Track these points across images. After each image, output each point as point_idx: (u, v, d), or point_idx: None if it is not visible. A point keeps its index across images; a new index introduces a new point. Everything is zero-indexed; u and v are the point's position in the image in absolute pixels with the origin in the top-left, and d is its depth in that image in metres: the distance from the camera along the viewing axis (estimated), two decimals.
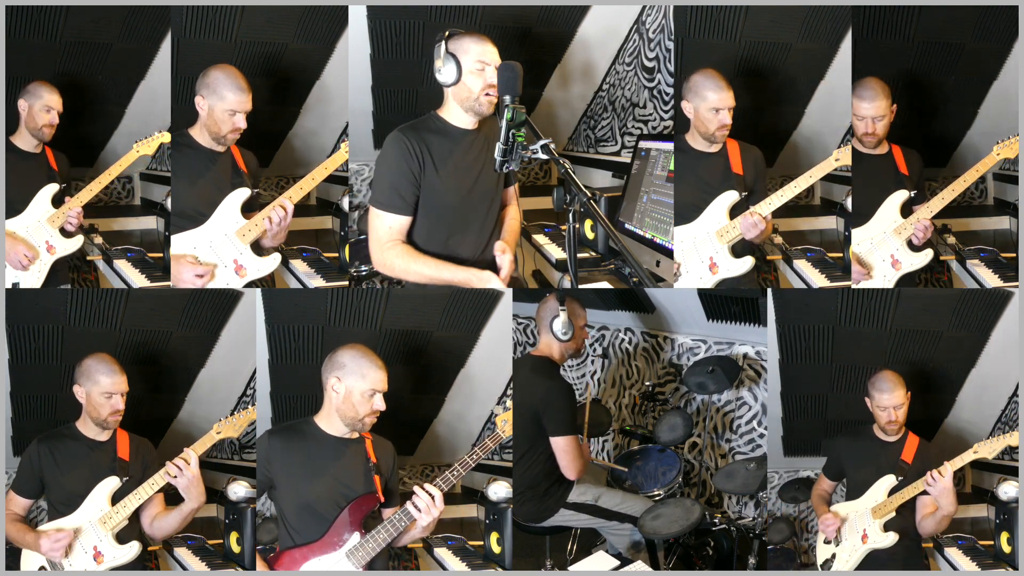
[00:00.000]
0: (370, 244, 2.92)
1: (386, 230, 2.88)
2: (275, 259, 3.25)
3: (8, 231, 3.30)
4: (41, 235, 3.33)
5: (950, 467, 3.01)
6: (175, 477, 2.98)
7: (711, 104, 3.18)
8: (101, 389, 3.05)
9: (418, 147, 2.84)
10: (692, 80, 3.22)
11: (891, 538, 3.13)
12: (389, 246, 2.87)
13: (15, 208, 3.35)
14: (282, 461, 2.90)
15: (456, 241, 2.93)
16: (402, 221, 2.88)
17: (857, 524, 3.20)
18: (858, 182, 3.32)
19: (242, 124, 3.16)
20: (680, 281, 3.24)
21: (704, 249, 3.22)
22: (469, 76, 2.81)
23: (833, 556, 3.23)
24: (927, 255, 3.26)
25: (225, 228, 3.20)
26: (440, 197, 2.88)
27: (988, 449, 2.99)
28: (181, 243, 3.17)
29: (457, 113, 2.90)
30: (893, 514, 3.15)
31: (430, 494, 2.86)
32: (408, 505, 2.88)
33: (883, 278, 3.27)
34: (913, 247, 3.27)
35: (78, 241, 3.38)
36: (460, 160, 2.90)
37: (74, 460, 3.07)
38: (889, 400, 3.21)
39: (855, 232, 3.31)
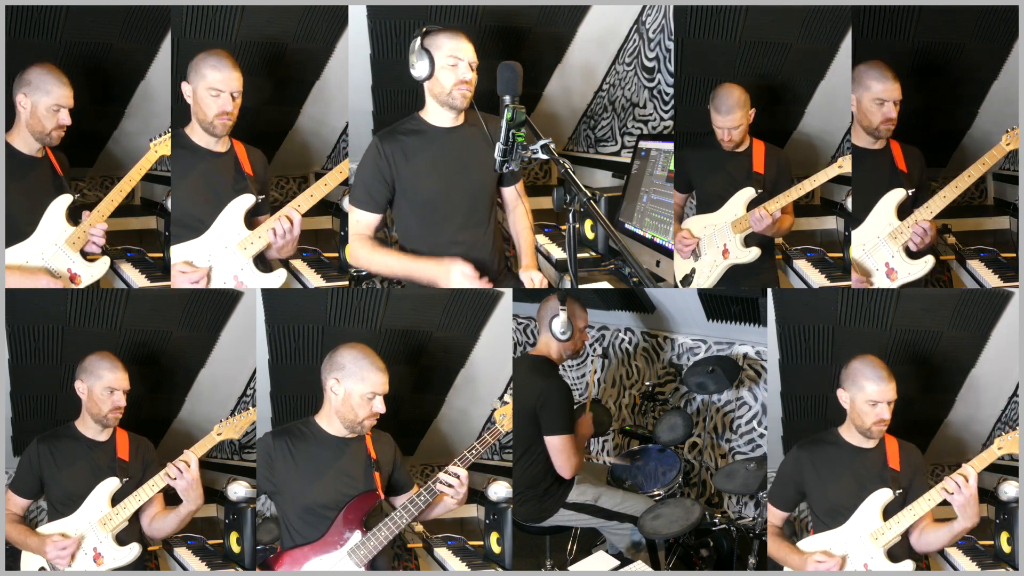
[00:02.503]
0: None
1: (354, 223, 3.02)
2: (280, 275, 3.03)
3: (22, 265, 2.94)
4: (61, 262, 2.95)
5: (973, 470, 2.61)
6: (175, 479, 2.97)
7: (716, 123, 3.37)
8: (104, 384, 3.04)
9: (389, 149, 2.96)
10: (712, 94, 3.39)
11: (906, 569, 2.74)
12: (355, 238, 3.02)
13: (21, 230, 2.94)
14: (286, 464, 2.89)
15: (438, 240, 2.98)
16: (369, 218, 3.02)
17: (853, 557, 2.79)
18: (853, 180, 3.22)
19: (228, 107, 2.92)
20: (695, 264, 3.42)
21: (720, 236, 3.37)
22: (441, 71, 2.87)
23: None
24: (926, 263, 3.01)
25: (225, 240, 2.97)
26: (415, 192, 2.98)
27: (1013, 445, 2.64)
28: (177, 255, 2.96)
29: (435, 111, 2.97)
30: (898, 538, 2.74)
31: (456, 475, 2.89)
32: (407, 498, 2.92)
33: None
34: (911, 254, 3.06)
35: (104, 264, 3.01)
36: (435, 157, 2.96)
37: (73, 460, 3.06)
38: (881, 392, 2.75)
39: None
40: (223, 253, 2.95)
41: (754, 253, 3.33)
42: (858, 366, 2.84)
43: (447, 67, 2.86)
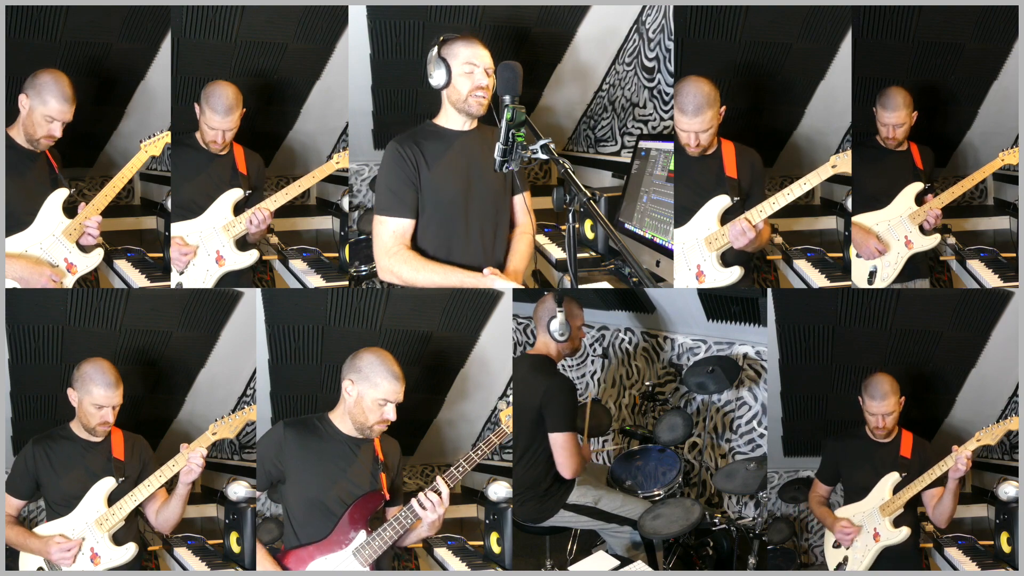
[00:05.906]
0: (375, 254, 2.96)
1: (390, 235, 2.92)
2: (252, 255, 3.41)
3: (22, 254, 3.06)
4: (59, 253, 3.12)
5: (967, 452, 3.06)
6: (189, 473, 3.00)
7: (680, 125, 3.10)
8: (92, 400, 3.02)
9: (411, 151, 2.91)
10: (677, 90, 3.13)
11: (903, 533, 3.18)
12: (395, 251, 2.91)
13: (20, 220, 3.10)
14: (296, 455, 2.89)
15: (458, 243, 2.96)
16: (405, 224, 2.93)
17: (867, 524, 3.24)
18: (881, 174, 3.43)
19: (220, 140, 3.36)
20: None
21: (692, 256, 3.11)
22: (458, 78, 2.87)
23: (845, 559, 3.26)
24: (935, 238, 3.42)
25: (215, 222, 3.39)
26: (436, 196, 2.93)
27: (991, 436, 3.05)
28: (176, 230, 3.39)
29: (452, 116, 2.97)
30: (902, 510, 3.19)
31: (437, 491, 2.88)
32: (414, 502, 2.90)
33: (896, 255, 3.37)
34: (923, 231, 3.41)
35: (98, 256, 3.21)
36: (454, 160, 2.94)
37: (69, 461, 3.06)
38: (879, 407, 3.25)
39: (874, 214, 3.40)
40: (211, 232, 3.40)
41: (736, 273, 3.07)
42: (870, 381, 3.30)
43: (463, 74, 2.86)
